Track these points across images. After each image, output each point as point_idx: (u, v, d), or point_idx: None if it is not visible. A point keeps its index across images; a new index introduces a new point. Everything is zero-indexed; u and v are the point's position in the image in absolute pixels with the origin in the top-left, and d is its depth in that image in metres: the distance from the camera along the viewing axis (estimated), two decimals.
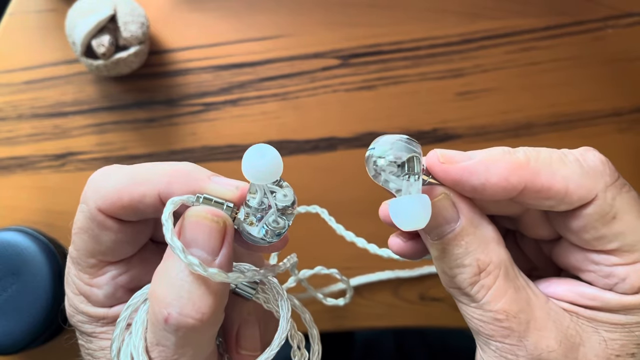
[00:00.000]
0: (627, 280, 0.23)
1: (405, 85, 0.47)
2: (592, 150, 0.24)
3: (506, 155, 0.23)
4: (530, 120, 0.46)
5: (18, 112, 0.47)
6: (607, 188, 0.23)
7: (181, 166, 0.24)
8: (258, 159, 0.22)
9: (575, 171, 0.23)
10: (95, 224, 0.24)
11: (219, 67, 0.48)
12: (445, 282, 0.25)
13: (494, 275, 0.23)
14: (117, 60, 0.43)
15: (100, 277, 0.25)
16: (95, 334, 0.26)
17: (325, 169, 0.46)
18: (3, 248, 0.40)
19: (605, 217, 0.23)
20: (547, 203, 0.23)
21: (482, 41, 0.47)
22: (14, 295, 0.39)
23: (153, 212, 0.24)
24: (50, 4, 0.49)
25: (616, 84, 0.46)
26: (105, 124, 0.47)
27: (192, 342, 0.22)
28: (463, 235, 0.23)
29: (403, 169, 0.23)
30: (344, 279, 0.39)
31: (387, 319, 0.45)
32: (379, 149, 0.23)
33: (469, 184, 0.23)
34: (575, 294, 0.24)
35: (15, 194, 0.47)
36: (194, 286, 0.22)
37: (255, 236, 0.23)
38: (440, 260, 0.24)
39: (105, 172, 0.25)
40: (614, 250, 0.23)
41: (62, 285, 0.40)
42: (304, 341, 0.26)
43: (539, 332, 0.23)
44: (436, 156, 0.24)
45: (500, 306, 0.23)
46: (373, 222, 0.43)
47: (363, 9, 0.48)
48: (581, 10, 0.47)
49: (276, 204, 0.23)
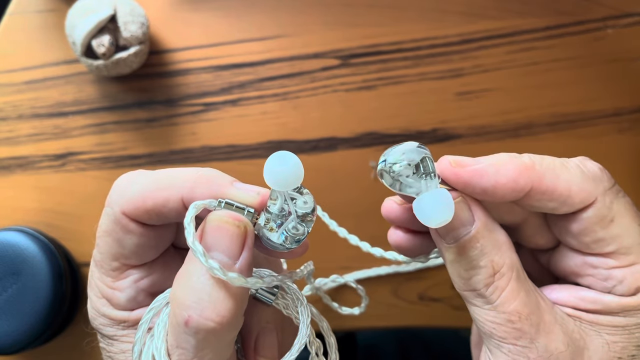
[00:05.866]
0: (624, 282, 0.24)
1: (405, 85, 0.47)
2: (589, 159, 0.25)
3: (513, 159, 0.24)
4: (530, 120, 0.46)
5: (18, 112, 0.47)
6: (606, 192, 0.24)
7: (204, 172, 0.24)
8: (280, 165, 0.22)
9: (577, 175, 0.24)
10: (120, 227, 0.24)
11: (219, 67, 0.48)
12: (459, 285, 0.25)
13: (508, 277, 0.24)
14: (117, 60, 0.43)
15: (122, 280, 0.26)
16: (116, 337, 0.26)
17: (325, 169, 0.46)
18: (3, 248, 0.40)
19: (603, 220, 0.24)
20: (550, 205, 0.24)
21: (482, 41, 0.47)
22: (14, 295, 0.39)
23: (176, 216, 0.24)
24: (50, 4, 0.49)
25: (616, 84, 0.46)
26: (105, 124, 0.47)
27: (212, 345, 0.22)
28: (478, 238, 0.24)
29: (419, 170, 0.23)
30: (359, 288, 0.39)
31: (387, 319, 0.45)
32: (392, 157, 0.24)
33: (479, 186, 0.23)
34: (577, 299, 0.25)
35: (15, 194, 0.47)
36: (215, 289, 0.22)
37: (274, 242, 0.23)
38: (456, 263, 0.25)
39: (130, 176, 0.25)
40: (611, 253, 0.24)
41: (63, 285, 0.41)
42: (322, 348, 0.27)
43: (548, 334, 0.23)
44: (447, 161, 0.24)
45: (513, 307, 0.23)
46: (373, 222, 0.44)
47: (363, 9, 0.48)
48: (581, 10, 0.47)
49: (296, 210, 0.23)
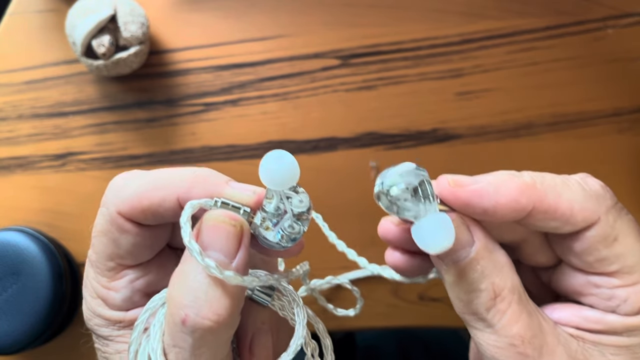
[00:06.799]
0: (628, 301, 0.23)
1: (405, 85, 0.47)
2: (591, 176, 0.25)
3: (513, 177, 0.23)
4: (530, 120, 0.46)
5: (18, 112, 0.47)
6: (609, 211, 0.23)
7: (200, 171, 0.24)
8: (275, 164, 0.22)
9: (579, 194, 0.23)
10: (115, 227, 0.24)
11: (219, 67, 0.48)
12: (460, 309, 0.25)
13: (509, 300, 0.23)
14: (117, 60, 0.43)
15: (118, 280, 0.26)
16: (111, 338, 0.26)
17: (325, 169, 0.46)
18: (3, 248, 0.40)
19: (607, 239, 0.23)
20: (552, 224, 0.23)
21: (482, 41, 0.47)
22: (14, 295, 0.39)
23: (172, 216, 0.24)
24: (50, 4, 0.49)
25: (616, 84, 0.46)
26: (105, 124, 0.47)
27: (209, 344, 0.22)
28: (478, 260, 0.23)
29: (417, 194, 0.23)
30: (354, 289, 0.39)
31: (386, 319, 0.45)
32: (389, 180, 0.23)
33: (479, 206, 0.23)
34: (580, 318, 0.24)
35: (15, 194, 0.47)
36: (211, 288, 0.22)
37: (270, 241, 0.24)
38: (456, 285, 0.24)
39: (126, 176, 0.25)
40: (614, 272, 0.23)
41: (63, 285, 0.41)
42: (318, 349, 0.27)
43: (551, 357, 0.23)
44: (445, 180, 0.24)
45: (516, 331, 0.23)
46: (374, 223, 0.43)
47: (363, 9, 0.48)
48: (581, 10, 0.47)
49: (292, 209, 0.24)
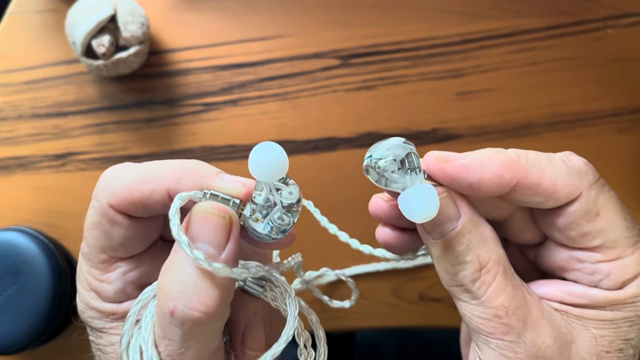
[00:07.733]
0: (610, 275, 0.24)
1: (405, 85, 0.47)
2: (575, 154, 0.25)
3: (499, 153, 0.24)
4: (530, 120, 0.46)
5: (18, 112, 0.47)
6: (591, 186, 0.24)
7: (190, 163, 0.24)
8: (264, 156, 0.22)
9: (562, 170, 0.24)
10: (106, 219, 0.25)
11: (219, 67, 0.48)
12: (446, 281, 0.25)
13: (494, 272, 0.24)
14: (117, 60, 0.43)
15: (110, 272, 0.26)
16: (105, 330, 0.26)
17: (325, 169, 0.46)
18: (3, 248, 0.40)
19: (589, 214, 0.24)
20: (536, 199, 0.24)
21: (482, 41, 0.47)
22: (14, 295, 0.39)
23: (162, 208, 0.24)
24: (50, 4, 0.49)
25: (616, 84, 0.46)
26: (105, 124, 0.47)
27: (198, 336, 0.22)
28: (464, 233, 0.24)
29: (404, 166, 0.23)
30: (349, 280, 0.39)
31: (387, 319, 0.45)
32: (377, 153, 0.24)
33: (465, 181, 0.23)
34: (564, 293, 0.25)
35: (15, 194, 0.47)
36: (200, 280, 0.22)
37: (260, 232, 0.24)
38: (442, 258, 0.25)
39: (117, 169, 0.25)
40: (597, 247, 0.24)
41: (63, 285, 0.41)
42: (310, 340, 0.27)
43: (536, 329, 0.23)
44: (433, 156, 0.24)
45: (500, 302, 0.23)
46: (374, 222, 0.43)
47: (363, 9, 0.48)
48: (581, 10, 0.47)
49: (281, 201, 0.24)
